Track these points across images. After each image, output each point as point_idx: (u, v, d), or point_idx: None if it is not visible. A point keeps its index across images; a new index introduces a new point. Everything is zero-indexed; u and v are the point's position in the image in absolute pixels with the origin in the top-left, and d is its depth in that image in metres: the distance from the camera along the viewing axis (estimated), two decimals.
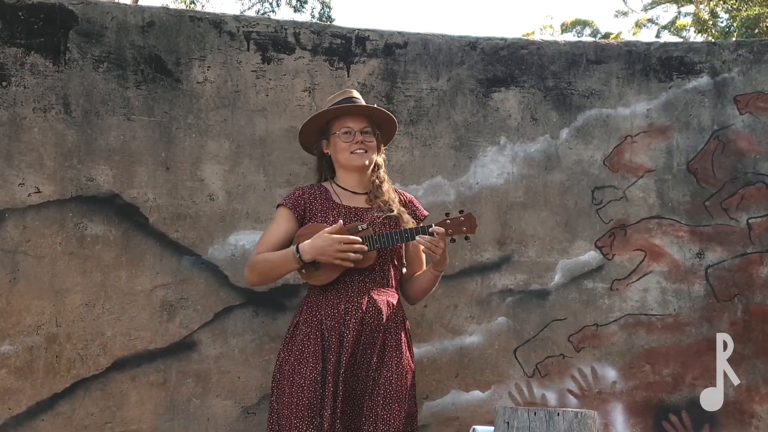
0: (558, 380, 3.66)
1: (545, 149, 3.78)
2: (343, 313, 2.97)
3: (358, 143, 3.09)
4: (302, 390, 2.90)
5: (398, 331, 3.03)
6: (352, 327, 2.95)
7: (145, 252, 3.47)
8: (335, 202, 3.11)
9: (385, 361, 2.95)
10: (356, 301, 2.99)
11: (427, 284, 3.17)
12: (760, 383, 3.70)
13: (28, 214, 3.40)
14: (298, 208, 3.11)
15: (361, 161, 3.10)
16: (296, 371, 2.94)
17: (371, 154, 3.12)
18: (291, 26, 3.70)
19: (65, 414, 3.34)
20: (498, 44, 3.82)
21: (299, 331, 3.02)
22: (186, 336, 3.46)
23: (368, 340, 2.96)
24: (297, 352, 2.98)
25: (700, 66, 3.87)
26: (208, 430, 3.43)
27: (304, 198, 3.13)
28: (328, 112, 3.14)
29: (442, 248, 2.99)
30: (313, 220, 3.08)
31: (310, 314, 3.02)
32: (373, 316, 2.98)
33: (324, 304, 3.01)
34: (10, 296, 3.35)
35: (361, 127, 3.11)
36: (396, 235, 3.00)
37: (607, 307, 3.71)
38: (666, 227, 3.77)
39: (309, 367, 2.92)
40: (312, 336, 2.97)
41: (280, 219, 3.13)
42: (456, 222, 3.01)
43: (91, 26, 3.52)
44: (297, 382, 2.92)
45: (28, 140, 3.43)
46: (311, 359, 2.93)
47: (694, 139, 3.82)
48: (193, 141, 3.56)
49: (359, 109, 3.14)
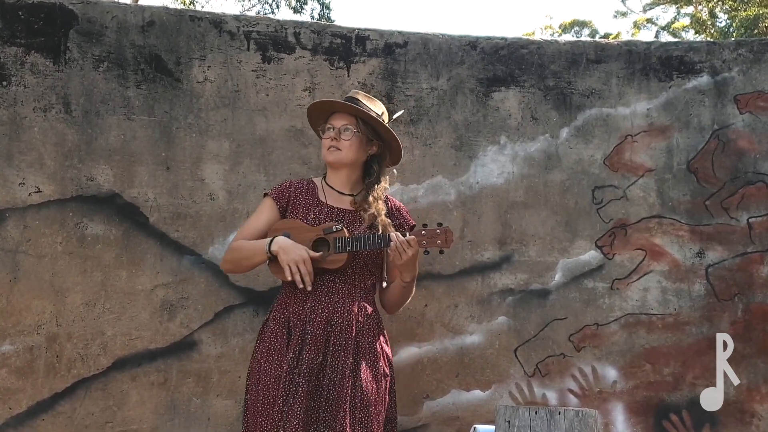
0: (558, 380, 3.66)
1: (545, 149, 3.78)
2: (308, 311, 2.95)
3: (332, 140, 3.08)
4: (267, 387, 2.89)
5: (373, 336, 3.00)
6: (316, 325, 2.93)
7: (146, 251, 3.47)
8: (319, 199, 3.10)
9: (360, 365, 2.93)
10: (323, 300, 2.97)
11: (397, 294, 3.13)
12: (760, 382, 3.70)
13: (29, 213, 3.40)
14: (282, 200, 3.11)
15: (331, 158, 3.09)
16: (262, 369, 2.93)
17: (345, 152, 3.08)
18: (291, 26, 3.70)
19: (66, 414, 3.34)
20: (498, 44, 3.83)
21: (268, 327, 3.02)
22: (186, 335, 3.46)
23: (338, 342, 2.93)
24: (264, 350, 2.97)
25: (701, 65, 3.87)
26: (208, 429, 3.43)
27: (290, 190, 3.13)
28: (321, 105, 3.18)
29: (409, 255, 2.94)
30: (295, 214, 3.07)
31: (279, 311, 3.02)
32: (341, 316, 2.96)
33: (292, 302, 3.00)
34: (10, 296, 3.35)
35: (341, 125, 3.09)
36: (369, 240, 2.96)
37: (608, 307, 3.71)
38: (666, 227, 3.77)
39: (274, 364, 2.91)
40: (279, 333, 2.96)
41: (263, 208, 3.14)
42: (431, 233, 2.97)
43: (91, 26, 3.52)
44: (263, 380, 2.91)
45: (29, 140, 3.43)
46: (276, 356, 2.92)
47: (694, 139, 3.82)
48: (193, 140, 3.56)
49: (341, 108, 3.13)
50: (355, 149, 3.11)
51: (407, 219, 3.21)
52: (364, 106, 3.12)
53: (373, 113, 3.12)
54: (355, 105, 3.12)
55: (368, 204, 3.08)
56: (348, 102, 3.14)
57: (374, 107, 3.15)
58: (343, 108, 3.13)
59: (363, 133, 3.11)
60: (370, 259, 3.06)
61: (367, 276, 3.07)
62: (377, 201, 3.10)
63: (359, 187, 3.15)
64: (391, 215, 3.14)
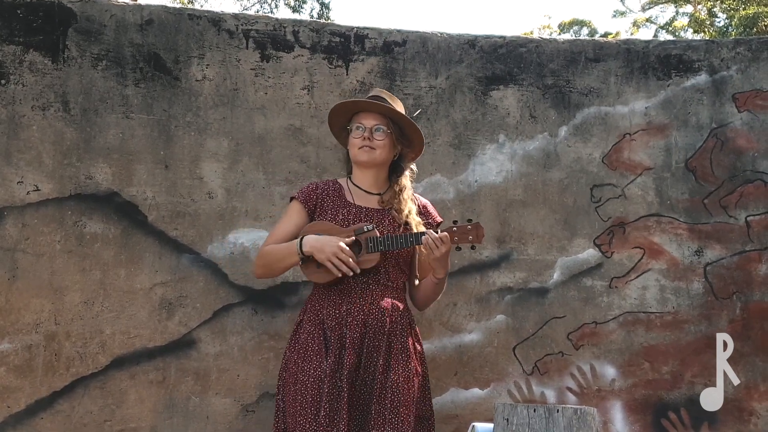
0: (557, 378, 3.66)
1: (544, 147, 3.78)
2: (344, 314, 2.95)
3: (365, 140, 3.06)
4: (306, 387, 2.89)
5: (404, 334, 3.00)
6: (353, 328, 2.93)
7: (144, 250, 3.47)
8: (347, 200, 3.09)
9: (392, 365, 2.92)
10: (358, 302, 2.97)
11: (429, 291, 3.13)
12: (759, 381, 3.70)
13: (27, 212, 3.39)
14: (310, 203, 3.10)
15: (365, 157, 3.07)
16: (300, 369, 2.93)
17: (379, 152, 3.08)
18: (290, 24, 3.70)
19: (64, 412, 3.34)
20: (497, 42, 3.83)
21: (303, 329, 3.01)
22: (185, 334, 3.46)
23: (372, 343, 2.93)
24: (301, 351, 2.96)
25: (699, 64, 3.87)
26: (207, 428, 3.43)
27: (317, 192, 3.11)
28: (344, 106, 3.14)
29: (440, 253, 2.95)
30: (323, 216, 3.06)
31: (313, 313, 3.01)
32: (376, 318, 2.96)
33: (326, 304, 3.00)
34: (9, 294, 3.34)
35: (373, 125, 3.07)
36: (401, 239, 2.97)
37: (606, 305, 3.71)
38: (665, 225, 3.77)
39: (313, 365, 2.91)
40: (315, 335, 2.96)
41: (291, 212, 3.12)
42: (462, 230, 2.99)
43: (89, 24, 3.52)
44: (301, 379, 2.91)
45: (27, 138, 3.43)
46: (315, 357, 2.92)
47: (692, 137, 3.82)
48: (192, 139, 3.56)
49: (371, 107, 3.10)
50: (387, 149, 3.10)
51: (434, 216, 3.21)
52: (391, 105, 3.12)
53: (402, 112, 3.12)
54: (377, 102, 3.11)
55: (400, 203, 3.08)
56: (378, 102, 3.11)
57: (397, 106, 3.15)
58: (375, 108, 3.10)
59: (393, 133, 3.11)
60: (401, 257, 3.06)
61: (398, 275, 3.07)
62: (408, 200, 3.11)
63: (386, 186, 3.14)
64: (420, 213, 3.14)
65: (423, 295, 3.15)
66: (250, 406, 3.47)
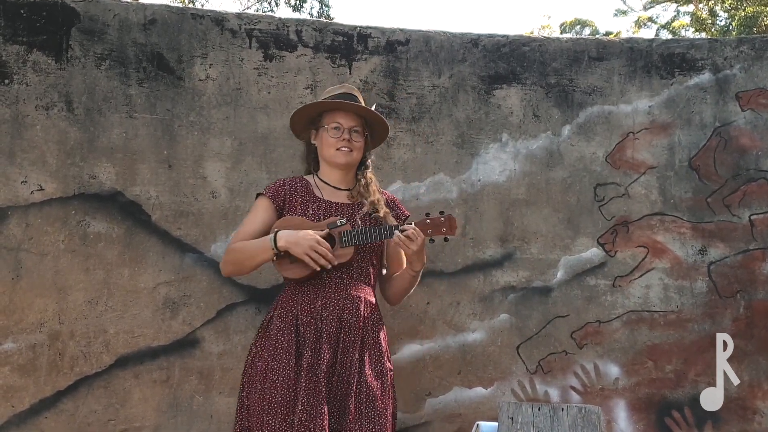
0: (561, 377, 3.66)
1: (547, 146, 3.78)
2: (320, 309, 2.93)
3: (344, 141, 3.05)
4: (275, 386, 2.84)
5: (376, 329, 2.99)
6: (329, 323, 2.91)
7: (148, 249, 3.47)
8: (316, 195, 3.07)
9: (366, 360, 2.92)
10: (333, 296, 2.95)
11: (405, 284, 3.12)
12: (762, 379, 3.70)
13: (31, 211, 3.40)
14: (278, 199, 3.07)
15: (344, 159, 3.06)
16: (269, 367, 2.88)
17: (356, 153, 3.08)
18: (293, 24, 3.70)
19: (68, 411, 3.34)
20: (500, 41, 3.83)
21: (273, 326, 2.96)
22: (189, 333, 3.46)
23: (348, 338, 2.92)
24: (271, 348, 2.92)
25: (702, 63, 3.87)
26: (210, 427, 3.43)
27: (284, 189, 3.09)
28: (323, 104, 3.11)
29: (417, 246, 2.94)
30: (292, 212, 3.04)
31: (285, 309, 2.97)
32: (351, 313, 2.94)
33: (300, 300, 2.96)
34: (13, 294, 3.35)
35: (351, 126, 3.07)
36: (374, 232, 2.96)
37: (610, 304, 3.71)
38: (668, 224, 3.77)
39: (282, 363, 2.87)
40: (286, 331, 2.92)
41: (258, 209, 3.09)
42: (435, 222, 2.98)
43: (93, 24, 3.52)
44: (270, 378, 2.86)
45: (31, 138, 3.43)
46: (284, 355, 2.88)
47: (696, 136, 3.82)
48: (195, 138, 3.56)
49: (354, 108, 3.09)
50: (362, 150, 3.11)
51: (402, 210, 3.21)
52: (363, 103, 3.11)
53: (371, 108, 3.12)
54: (358, 104, 3.10)
55: (369, 193, 3.08)
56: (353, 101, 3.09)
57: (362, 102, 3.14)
58: (357, 109, 3.10)
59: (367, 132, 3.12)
60: (373, 251, 3.06)
61: (370, 268, 3.06)
62: (377, 191, 3.11)
63: (354, 181, 3.14)
64: (388, 206, 3.14)
65: (397, 289, 3.14)
66: None
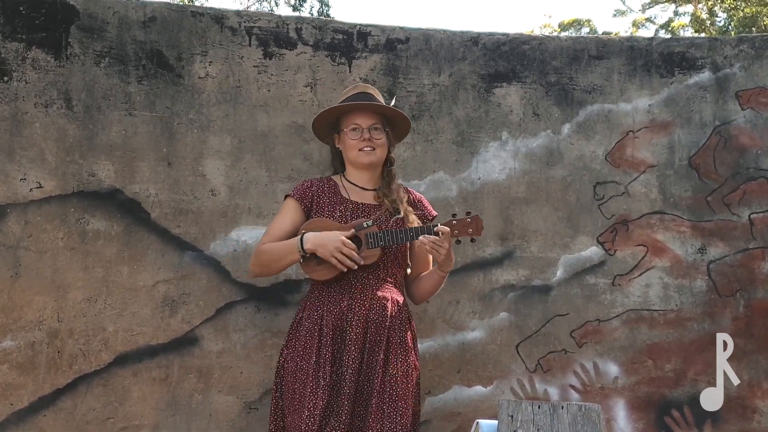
0: (560, 375, 3.65)
1: (547, 144, 3.77)
2: (345, 310, 2.94)
3: (365, 141, 3.04)
4: (305, 386, 2.88)
5: (403, 329, 2.99)
6: (355, 325, 2.92)
7: (147, 247, 3.46)
8: (343, 197, 3.07)
9: (391, 359, 2.92)
10: (359, 298, 2.96)
11: (432, 285, 3.12)
12: (762, 379, 3.70)
13: (30, 209, 3.39)
14: (305, 200, 3.08)
15: (368, 159, 3.06)
16: (299, 368, 2.92)
17: (380, 151, 3.07)
18: (293, 21, 3.69)
19: (67, 409, 3.34)
20: (500, 39, 3.82)
21: (302, 327, 2.99)
22: (188, 331, 3.46)
23: (374, 338, 2.93)
24: (300, 349, 2.95)
25: (702, 61, 3.87)
26: (210, 425, 3.43)
27: (312, 190, 3.09)
28: (339, 108, 3.10)
29: (446, 248, 2.95)
30: (320, 213, 3.05)
31: (313, 310, 2.99)
32: (377, 313, 2.95)
33: (326, 301, 2.98)
34: (11, 291, 3.34)
35: (370, 124, 3.06)
36: (400, 234, 2.96)
37: (609, 303, 3.71)
38: (668, 222, 3.77)
39: (311, 363, 2.90)
40: (315, 333, 2.94)
41: (286, 210, 3.10)
42: (462, 223, 2.99)
43: (92, 21, 3.52)
44: (300, 378, 2.90)
45: (30, 135, 3.43)
46: (314, 355, 2.91)
47: (695, 135, 3.82)
48: (194, 136, 3.55)
49: (369, 106, 3.08)
50: (386, 147, 3.10)
51: (428, 209, 3.20)
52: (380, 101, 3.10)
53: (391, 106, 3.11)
54: (373, 102, 3.09)
55: (391, 192, 3.08)
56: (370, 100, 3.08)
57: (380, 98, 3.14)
58: (373, 108, 3.08)
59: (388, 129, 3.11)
60: (399, 252, 3.06)
61: (397, 269, 3.06)
62: (400, 189, 3.11)
63: (380, 180, 3.13)
64: (413, 206, 3.13)
65: (423, 289, 3.14)
66: (252, 403, 3.46)
